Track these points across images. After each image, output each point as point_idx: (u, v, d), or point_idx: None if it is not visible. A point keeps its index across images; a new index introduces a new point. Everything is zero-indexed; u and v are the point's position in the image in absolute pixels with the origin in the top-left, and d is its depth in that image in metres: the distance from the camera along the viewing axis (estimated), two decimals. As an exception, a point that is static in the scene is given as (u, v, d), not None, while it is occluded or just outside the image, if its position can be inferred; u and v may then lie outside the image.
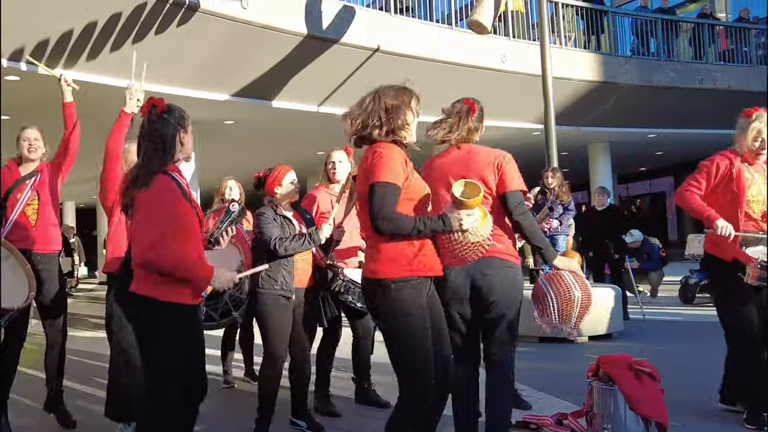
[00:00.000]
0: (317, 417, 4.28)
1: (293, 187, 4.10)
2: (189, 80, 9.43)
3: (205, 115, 10.84)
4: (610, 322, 7.01)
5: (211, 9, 8.31)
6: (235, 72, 9.66)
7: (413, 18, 10.82)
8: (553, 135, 8.44)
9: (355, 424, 4.28)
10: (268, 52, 9.37)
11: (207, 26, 8.48)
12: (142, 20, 8.07)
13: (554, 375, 5.29)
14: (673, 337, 7.20)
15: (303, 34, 9.24)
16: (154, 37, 8.27)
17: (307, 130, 12.26)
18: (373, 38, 9.98)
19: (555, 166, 8.29)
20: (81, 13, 7.72)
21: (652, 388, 3.62)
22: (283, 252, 3.83)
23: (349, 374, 4.94)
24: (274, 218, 3.96)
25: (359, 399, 4.75)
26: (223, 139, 12.61)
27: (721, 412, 4.10)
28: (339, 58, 9.86)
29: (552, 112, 8.55)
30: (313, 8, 9.31)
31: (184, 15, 8.21)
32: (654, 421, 3.56)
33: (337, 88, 10.55)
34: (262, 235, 3.89)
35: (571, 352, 6.19)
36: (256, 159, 10.61)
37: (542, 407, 4.34)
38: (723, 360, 4.12)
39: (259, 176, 4.17)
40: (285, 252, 3.84)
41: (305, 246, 3.91)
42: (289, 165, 4.19)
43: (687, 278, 9.84)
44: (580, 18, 13.57)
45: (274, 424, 3.99)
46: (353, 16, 9.75)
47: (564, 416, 3.93)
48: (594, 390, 3.74)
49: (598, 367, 3.77)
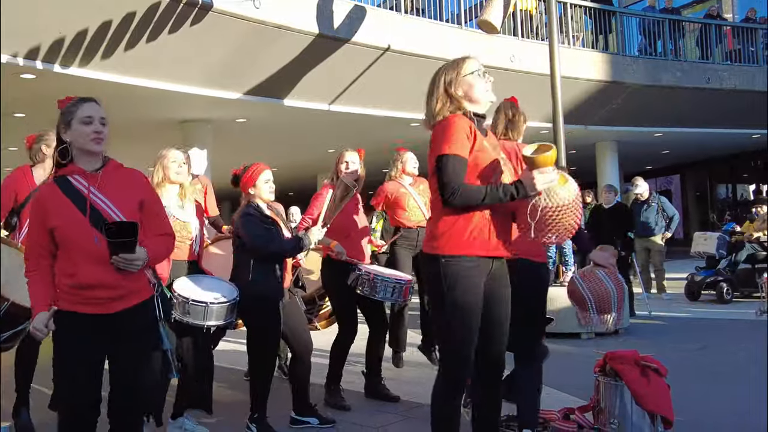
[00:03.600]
0: (327, 410, 4.28)
1: (268, 187, 4.00)
2: (202, 79, 9.51)
3: (218, 113, 10.97)
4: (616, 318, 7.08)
5: (224, 9, 8.37)
6: (247, 71, 9.71)
7: (423, 18, 10.87)
8: (561, 134, 8.46)
9: (363, 418, 4.27)
10: (279, 52, 9.43)
11: (220, 26, 8.54)
12: (156, 19, 8.13)
13: (561, 370, 5.28)
14: (679, 334, 7.23)
15: (314, 33, 9.29)
16: (167, 36, 8.33)
17: (318, 129, 12.31)
18: (383, 38, 10.04)
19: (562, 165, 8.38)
20: (95, 12, 7.79)
21: (658, 383, 3.65)
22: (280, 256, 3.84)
23: (359, 368, 4.96)
24: (261, 220, 3.91)
25: (369, 393, 4.77)
26: (235, 137, 12.69)
27: (726, 407, 4.14)
28: (350, 58, 9.91)
29: (560, 111, 8.55)
30: (324, 8, 9.37)
31: (197, 14, 8.27)
32: (660, 416, 3.59)
33: (348, 86, 10.61)
34: (255, 238, 3.84)
35: (578, 348, 6.25)
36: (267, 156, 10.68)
37: (549, 402, 4.32)
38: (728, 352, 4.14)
39: (236, 173, 4.11)
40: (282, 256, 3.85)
41: (295, 251, 3.91)
42: (301, 162, 4.22)
43: (693, 275, 9.89)
44: (588, 18, 13.58)
45: (277, 421, 3.99)
46: (364, 16, 9.81)
47: (571, 411, 3.94)
48: (601, 385, 3.75)
49: (604, 362, 3.79)
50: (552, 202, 2.58)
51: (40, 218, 2.57)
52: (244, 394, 4.24)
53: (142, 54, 8.48)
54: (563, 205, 2.58)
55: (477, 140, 2.68)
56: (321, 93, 10.68)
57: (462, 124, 2.67)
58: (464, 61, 2.82)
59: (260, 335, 3.94)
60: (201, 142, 11.50)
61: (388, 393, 4.70)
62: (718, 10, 18.19)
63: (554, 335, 6.73)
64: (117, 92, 8.95)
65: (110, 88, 8.74)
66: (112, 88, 8.74)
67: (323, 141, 12.76)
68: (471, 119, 2.75)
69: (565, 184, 2.61)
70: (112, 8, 7.85)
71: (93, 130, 2.58)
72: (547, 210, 2.58)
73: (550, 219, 2.59)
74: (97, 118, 2.60)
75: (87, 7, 7.68)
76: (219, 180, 12.55)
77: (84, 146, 2.58)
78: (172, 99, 9.95)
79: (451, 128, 2.65)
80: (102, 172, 2.63)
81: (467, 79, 2.78)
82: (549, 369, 4.88)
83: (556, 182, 2.59)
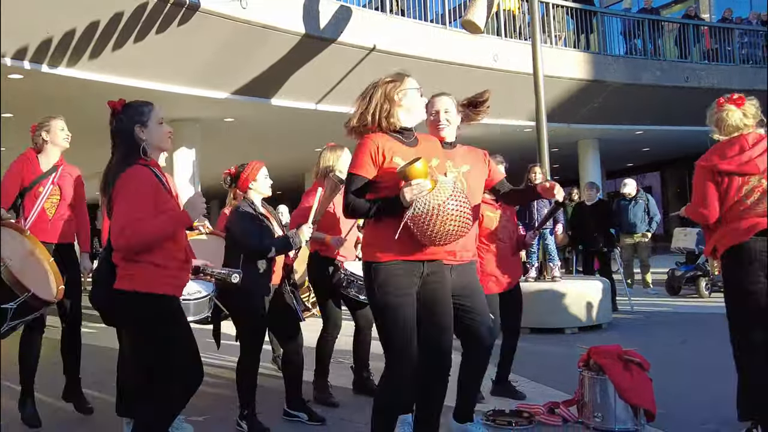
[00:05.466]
0: (316, 407, 4.29)
1: (267, 182, 4.09)
2: (190, 79, 9.51)
3: (205, 112, 10.95)
4: (599, 313, 7.20)
5: (212, 9, 8.37)
6: (234, 71, 9.73)
7: (408, 18, 10.94)
8: (544, 132, 8.51)
9: (353, 414, 4.28)
10: (267, 51, 9.45)
11: (207, 26, 8.55)
12: (144, 19, 8.11)
13: (546, 365, 5.38)
14: (661, 327, 7.35)
15: (301, 33, 9.32)
16: (155, 36, 8.33)
17: (306, 128, 12.35)
18: (369, 38, 10.09)
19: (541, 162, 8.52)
20: (83, 12, 7.78)
21: (640, 377, 3.74)
22: (271, 254, 3.88)
23: (346, 364, 4.99)
24: (254, 217, 3.94)
25: (357, 388, 4.78)
26: (223, 136, 12.69)
27: (708, 400, 4.21)
28: (336, 57, 9.95)
29: (543, 110, 8.61)
30: (310, 8, 9.40)
31: (184, 14, 8.27)
32: (643, 409, 3.69)
33: (334, 86, 10.65)
34: (245, 234, 3.87)
35: (562, 343, 6.35)
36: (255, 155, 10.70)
37: (534, 396, 4.40)
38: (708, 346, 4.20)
39: (231, 173, 4.14)
40: (271, 254, 3.88)
41: (286, 249, 3.95)
42: (289, 161, 4.27)
43: (673, 270, 10.08)
44: (570, 18, 13.71)
45: (271, 416, 4.02)
46: (350, 16, 9.85)
47: (555, 405, 3.99)
48: (585, 379, 3.83)
49: (588, 357, 3.87)
50: (417, 210, 2.71)
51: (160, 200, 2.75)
52: (232, 391, 4.26)
53: (130, 54, 8.46)
54: (427, 212, 2.69)
55: (386, 158, 2.87)
56: (308, 92, 10.71)
57: (369, 146, 2.89)
58: (384, 83, 2.98)
59: (246, 331, 4.00)
60: (189, 141, 11.50)
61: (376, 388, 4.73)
62: (696, 10, 18.40)
63: (538, 330, 6.89)
64: (105, 92, 8.88)
65: (98, 88, 8.72)
66: (100, 88, 8.71)
67: (311, 140, 12.70)
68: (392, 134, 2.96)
69: (434, 191, 2.72)
70: (100, 8, 7.83)
71: (168, 130, 2.93)
72: (416, 218, 2.72)
73: (423, 225, 2.71)
74: (165, 119, 2.93)
75: (75, 7, 7.66)
76: (207, 179, 12.59)
77: (160, 144, 2.90)
78: (159, 98, 9.89)
79: (358, 150, 2.92)
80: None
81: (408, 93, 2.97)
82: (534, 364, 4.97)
83: (426, 191, 2.72)
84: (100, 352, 5.89)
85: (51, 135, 4.34)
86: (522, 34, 12.33)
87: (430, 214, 2.70)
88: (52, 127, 4.35)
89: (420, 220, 2.71)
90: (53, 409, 4.46)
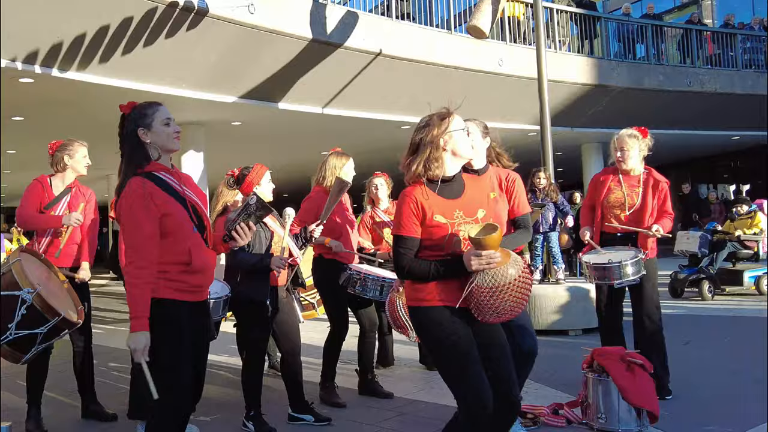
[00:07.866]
0: (322, 407, 4.32)
1: (270, 187, 4.11)
2: (198, 83, 9.57)
3: (213, 116, 10.99)
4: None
5: (219, 14, 8.43)
6: (242, 75, 9.78)
7: (413, 23, 11.00)
8: (548, 136, 8.54)
9: (358, 415, 4.30)
10: (274, 56, 9.50)
11: (215, 30, 8.61)
12: (153, 24, 8.16)
13: (550, 367, 5.39)
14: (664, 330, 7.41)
15: (308, 38, 9.36)
16: (164, 40, 8.39)
17: (312, 132, 12.39)
18: (375, 42, 10.13)
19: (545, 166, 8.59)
20: (93, 17, 7.84)
21: (643, 378, 3.78)
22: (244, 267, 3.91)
23: (352, 366, 5.03)
24: None
25: (363, 390, 4.82)
26: (230, 139, 12.74)
27: (710, 402, 4.24)
28: (342, 62, 10.01)
29: (547, 114, 8.65)
30: (317, 13, 9.46)
31: (193, 19, 8.32)
32: (645, 410, 3.73)
33: (340, 90, 10.71)
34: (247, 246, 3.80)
35: (566, 345, 6.38)
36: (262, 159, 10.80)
37: (538, 397, 4.42)
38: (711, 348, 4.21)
39: (235, 174, 4.12)
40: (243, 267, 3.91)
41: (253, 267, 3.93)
42: (295, 164, 4.31)
43: (676, 273, 10.08)
44: (573, 23, 13.79)
45: (277, 417, 4.05)
46: (356, 21, 9.90)
47: (560, 406, 4.03)
48: (588, 381, 3.86)
49: (592, 359, 3.92)
50: (485, 282, 2.53)
51: (151, 210, 2.62)
52: (238, 392, 4.29)
53: (139, 58, 8.53)
54: (492, 287, 2.52)
55: (425, 215, 2.66)
56: (314, 96, 10.76)
57: (409, 204, 2.67)
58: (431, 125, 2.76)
59: (248, 334, 4.07)
60: (196, 144, 11.56)
61: (381, 390, 4.75)
62: (699, 16, 18.46)
63: (543, 332, 6.93)
64: (114, 96, 8.97)
65: (107, 91, 8.79)
66: (109, 91, 8.78)
67: (317, 143, 12.78)
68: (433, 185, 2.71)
69: (504, 266, 2.55)
70: (109, 13, 7.89)
71: (174, 130, 2.77)
72: (481, 290, 2.54)
73: (482, 297, 2.54)
74: (172, 119, 2.80)
75: (84, 12, 7.73)
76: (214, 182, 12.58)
77: (167, 145, 2.75)
78: (167, 102, 9.75)
79: (400, 208, 2.70)
80: (174, 169, 2.83)
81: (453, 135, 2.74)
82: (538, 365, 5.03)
83: (495, 264, 2.53)
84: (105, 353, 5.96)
85: (73, 161, 4.35)
86: (526, 39, 12.37)
87: (496, 289, 2.53)
88: (75, 153, 4.36)
89: (481, 291, 2.54)
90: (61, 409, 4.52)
